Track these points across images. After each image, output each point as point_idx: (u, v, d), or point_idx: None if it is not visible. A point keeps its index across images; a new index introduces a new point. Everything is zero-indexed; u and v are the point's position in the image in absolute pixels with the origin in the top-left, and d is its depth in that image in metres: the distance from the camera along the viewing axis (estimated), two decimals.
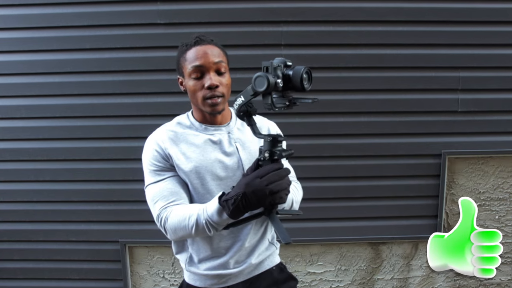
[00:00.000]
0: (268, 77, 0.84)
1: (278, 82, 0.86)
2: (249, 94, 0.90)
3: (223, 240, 1.15)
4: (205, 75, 1.07)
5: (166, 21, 2.01)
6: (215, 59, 1.08)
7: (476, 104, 2.10)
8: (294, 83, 0.87)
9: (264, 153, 0.92)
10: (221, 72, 1.09)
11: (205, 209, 0.99)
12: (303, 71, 0.86)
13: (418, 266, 2.29)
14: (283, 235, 0.89)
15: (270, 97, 0.88)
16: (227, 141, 1.15)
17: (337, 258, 2.28)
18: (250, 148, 1.16)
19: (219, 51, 1.10)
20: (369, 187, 2.16)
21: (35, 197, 2.15)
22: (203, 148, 1.12)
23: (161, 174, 1.10)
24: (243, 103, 0.93)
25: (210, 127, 1.15)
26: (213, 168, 1.11)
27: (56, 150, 2.11)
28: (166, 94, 2.05)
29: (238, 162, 1.14)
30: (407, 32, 2.04)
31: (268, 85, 0.84)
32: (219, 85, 1.08)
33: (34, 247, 2.21)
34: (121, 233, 2.17)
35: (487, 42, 2.06)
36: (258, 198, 0.90)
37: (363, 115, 2.10)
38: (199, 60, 1.06)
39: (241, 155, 1.14)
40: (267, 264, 1.24)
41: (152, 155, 1.11)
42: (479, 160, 2.19)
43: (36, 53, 2.03)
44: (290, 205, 1.16)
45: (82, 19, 2.00)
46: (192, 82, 1.08)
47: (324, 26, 2.04)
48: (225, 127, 1.17)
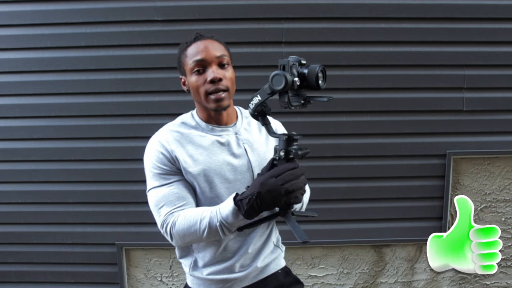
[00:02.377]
0: (286, 76, 0.85)
1: (296, 80, 0.86)
2: (266, 93, 0.90)
3: (231, 243, 1.13)
4: (207, 69, 1.05)
5: (163, 18, 1.99)
6: (217, 53, 1.06)
7: (482, 103, 2.08)
8: (309, 81, 0.87)
9: (280, 152, 0.92)
10: (223, 65, 1.07)
11: (218, 211, 0.97)
12: (319, 69, 0.87)
13: (423, 269, 2.26)
14: (300, 234, 0.89)
15: (287, 95, 0.88)
16: (235, 142, 1.12)
17: (339, 261, 2.25)
18: (258, 149, 1.14)
19: (220, 45, 1.09)
20: (372, 188, 2.13)
21: (29, 199, 2.13)
22: (211, 150, 1.09)
23: (166, 178, 1.06)
24: (259, 102, 0.92)
25: (216, 128, 1.12)
26: (222, 171, 1.08)
27: (51, 150, 2.09)
28: (164, 92, 2.03)
29: (247, 164, 1.11)
30: (411, 29, 2.03)
31: (286, 84, 0.85)
32: (223, 79, 1.05)
33: (29, 249, 2.18)
34: (117, 235, 2.14)
35: (493, 40, 2.04)
36: (273, 197, 0.89)
37: (366, 114, 2.09)
38: (201, 54, 1.04)
39: (250, 156, 1.12)
40: (272, 267, 1.22)
41: (156, 157, 1.07)
42: (485, 161, 2.16)
43: (30, 50, 2.01)
44: (301, 206, 1.15)
45: (77, 15, 1.98)
46: (194, 78, 1.06)
47: (325, 23, 2.02)
48: (232, 128, 1.14)
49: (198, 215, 1.00)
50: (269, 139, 1.18)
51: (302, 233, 0.89)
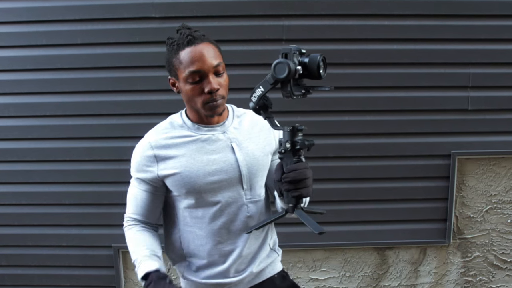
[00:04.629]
0: (289, 64, 0.84)
1: (299, 69, 0.86)
2: (268, 83, 0.89)
3: (221, 246, 1.13)
4: (204, 79, 1.03)
5: (161, 15, 1.98)
6: (213, 62, 1.03)
7: (487, 102, 2.07)
8: (310, 70, 0.87)
9: (285, 144, 0.92)
10: (220, 73, 1.05)
11: (137, 265, 1.08)
12: (320, 58, 0.86)
13: (427, 272, 2.25)
14: (315, 226, 0.90)
15: (289, 84, 0.87)
16: (222, 141, 1.11)
17: (341, 264, 2.23)
18: (247, 148, 1.13)
19: (214, 50, 1.05)
20: (375, 189, 2.12)
21: (24, 200, 2.12)
22: (194, 150, 1.09)
23: (142, 183, 1.12)
24: (262, 94, 0.91)
25: (203, 127, 1.12)
26: (205, 171, 1.08)
27: (46, 151, 2.07)
28: (162, 91, 2.01)
29: (235, 163, 1.10)
30: (415, 27, 2.01)
31: (289, 72, 0.84)
32: (219, 88, 1.04)
33: (23, 252, 2.17)
34: (114, 237, 2.12)
35: (499, 37, 2.03)
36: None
37: (369, 113, 2.07)
38: (197, 64, 1.01)
39: (238, 155, 1.11)
40: (268, 272, 1.22)
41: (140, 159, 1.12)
42: (491, 161, 2.15)
43: (25, 48, 2.00)
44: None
45: (73, 12, 1.97)
46: (189, 87, 1.04)
47: (327, 20, 2.01)
48: (219, 127, 1.13)
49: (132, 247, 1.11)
50: (261, 138, 1.16)
51: (317, 225, 0.90)
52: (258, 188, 1.15)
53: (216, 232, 1.11)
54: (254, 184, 1.13)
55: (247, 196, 1.12)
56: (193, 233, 1.13)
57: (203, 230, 1.12)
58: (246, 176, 1.11)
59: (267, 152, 1.16)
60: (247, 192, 1.12)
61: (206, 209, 1.10)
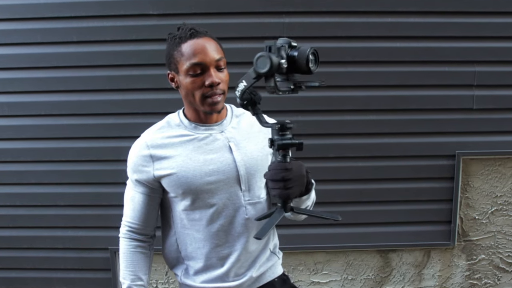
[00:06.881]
0: (271, 57, 0.81)
1: (282, 62, 0.82)
2: (251, 78, 0.86)
3: (219, 249, 1.12)
4: (205, 72, 1.03)
5: (159, 12, 1.97)
6: (216, 56, 1.03)
7: (493, 101, 2.06)
8: (299, 64, 0.83)
9: (275, 142, 0.90)
10: (221, 68, 1.06)
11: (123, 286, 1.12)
12: (309, 51, 0.83)
13: (431, 275, 2.23)
14: (328, 214, 0.90)
15: (273, 79, 0.84)
16: (220, 140, 1.10)
17: (344, 267, 2.22)
18: (245, 148, 1.12)
19: (216, 45, 1.06)
20: (378, 190, 2.11)
21: (18, 201, 2.11)
22: (191, 149, 1.08)
23: (139, 184, 1.12)
24: (245, 88, 0.88)
25: (200, 126, 1.11)
26: (202, 171, 1.07)
27: (41, 151, 2.06)
28: (160, 90, 2.00)
29: (232, 163, 1.09)
30: (418, 24, 2.00)
31: (271, 66, 0.81)
32: (221, 82, 1.04)
33: (18, 254, 2.16)
34: (110, 239, 2.10)
35: (505, 35, 2.02)
36: None
37: (371, 113, 2.07)
38: (199, 56, 1.01)
39: (236, 155, 1.10)
40: (268, 275, 1.21)
41: (136, 159, 1.11)
42: (496, 161, 2.13)
43: (19, 46, 1.99)
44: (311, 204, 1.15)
45: (69, 9, 1.96)
46: (189, 80, 1.03)
47: (328, 17, 2.00)
48: (217, 126, 1.12)
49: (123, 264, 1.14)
50: (260, 138, 1.14)
51: (330, 213, 0.90)
52: (257, 189, 1.13)
53: (214, 235, 1.10)
54: (252, 185, 1.11)
55: (246, 198, 1.11)
56: (190, 235, 1.12)
57: (201, 232, 1.11)
58: (244, 176, 1.09)
59: (266, 153, 1.15)
60: (246, 194, 1.11)
61: (204, 210, 1.09)
